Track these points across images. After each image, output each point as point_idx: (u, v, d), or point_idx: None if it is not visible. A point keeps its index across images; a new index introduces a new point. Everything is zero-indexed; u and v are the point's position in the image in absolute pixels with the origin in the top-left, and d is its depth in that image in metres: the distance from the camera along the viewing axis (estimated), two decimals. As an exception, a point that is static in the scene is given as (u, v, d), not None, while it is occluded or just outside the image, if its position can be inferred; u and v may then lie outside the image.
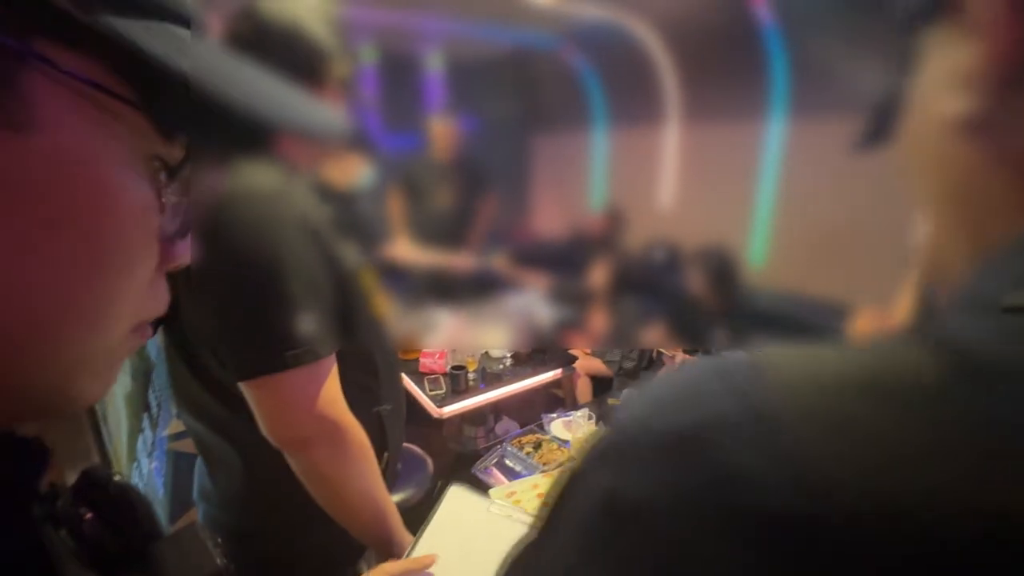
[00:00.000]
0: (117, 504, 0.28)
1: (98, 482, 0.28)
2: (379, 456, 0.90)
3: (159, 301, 0.25)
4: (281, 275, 0.60)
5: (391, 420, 0.90)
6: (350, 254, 0.64)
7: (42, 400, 0.22)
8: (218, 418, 0.77)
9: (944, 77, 0.26)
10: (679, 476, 0.19)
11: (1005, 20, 0.22)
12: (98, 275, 0.21)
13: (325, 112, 0.31)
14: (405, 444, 1.80)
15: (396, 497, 1.49)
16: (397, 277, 0.54)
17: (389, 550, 0.80)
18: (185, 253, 0.26)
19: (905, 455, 0.17)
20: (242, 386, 0.66)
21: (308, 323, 0.65)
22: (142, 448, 1.26)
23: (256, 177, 0.59)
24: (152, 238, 0.23)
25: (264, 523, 0.83)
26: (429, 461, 1.77)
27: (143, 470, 1.09)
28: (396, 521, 0.81)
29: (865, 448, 0.17)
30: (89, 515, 0.26)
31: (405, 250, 0.53)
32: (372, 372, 0.86)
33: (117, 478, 0.29)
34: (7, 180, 0.17)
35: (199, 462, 0.89)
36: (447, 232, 0.54)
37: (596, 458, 0.23)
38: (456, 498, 0.88)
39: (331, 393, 0.70)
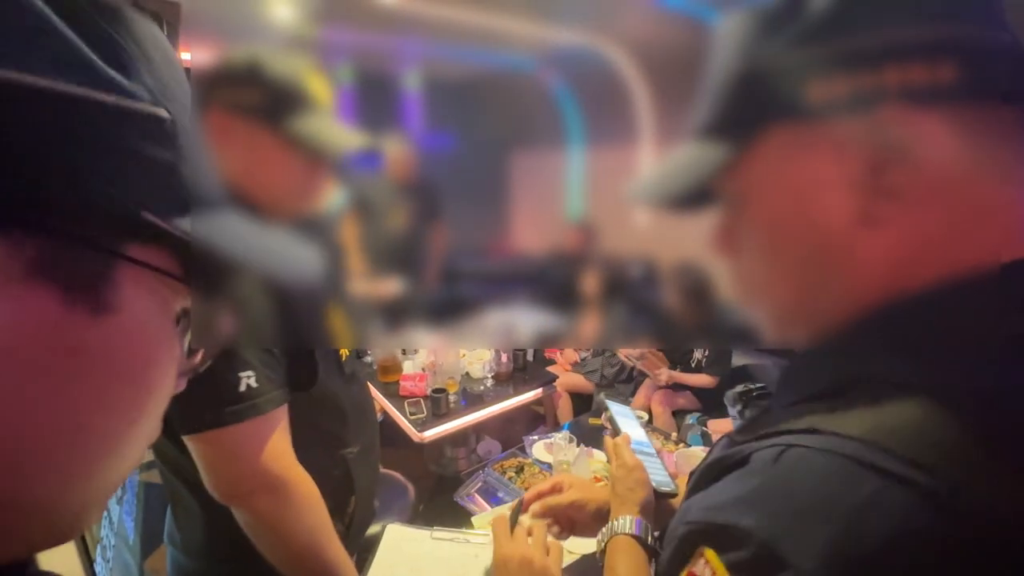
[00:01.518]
0: None
1: None
2: (346, 500, 0.87)
3: (158, 429, 0.29)
4: None
5: (358, 462, 0.88)
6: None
7: (64, 528, 0.24)
8: (179, 465, 0.75)
9: (839, 177, 0.32)
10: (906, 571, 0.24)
11: (912, 154, 0.30)
12: (138, 420, 0.25)
13: (307, 259, 0.38)
14: (387, 471, 1.76)
15: (376, 527, 1.45)
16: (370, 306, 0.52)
17: None
18: (182, 387, 0.30)
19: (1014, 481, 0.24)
20: (186, 440, 0.66)
21: (252, 378, 0.64)
22: (111, 493, 1.18)
23: None
24: (174, 381, 0.28)
25: (227, 570, 0.80)
26: (411, 488, 1.73)
27: (112, 517, 1.04)
28: (349, 574, 0.78)
29: (1005, 488, 0.24)
30: None
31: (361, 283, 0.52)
32: (338, 416, 0.85)
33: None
34: (87, 353, 0.22)
35: (169, 506, 0.87)
36: (400, 259, 0.53)
37: None
38: (396, 536, 0.86)
39: (277, 447, 0.68)
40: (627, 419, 0.85)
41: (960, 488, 0.23)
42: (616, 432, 0.81)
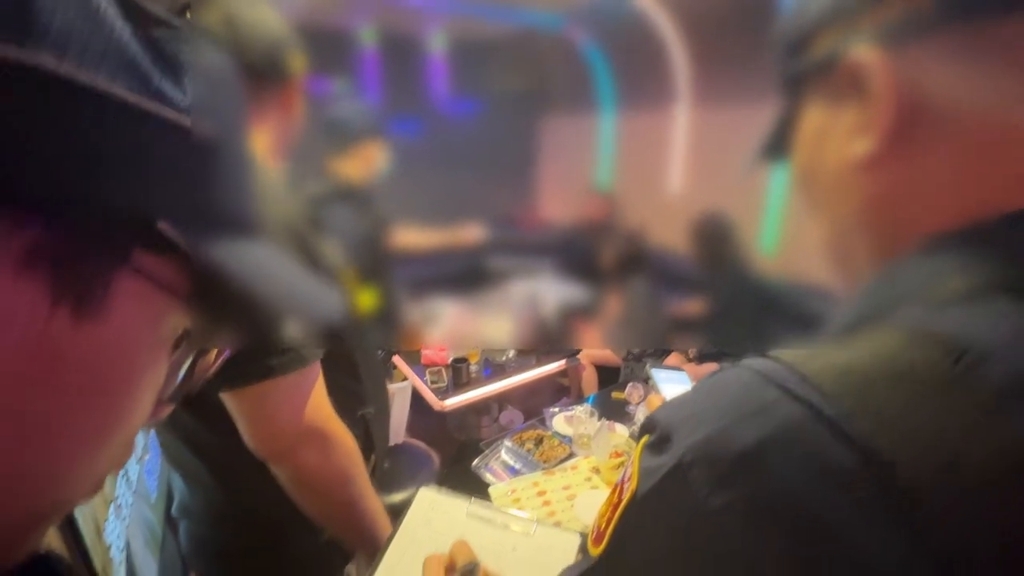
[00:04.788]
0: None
1: None
2: (366, 458, 0.89)
3: (125, 458, 0.27)
4: None
5: (376, 422, 0.90)
6: (333, 254, 0.63)
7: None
8: (191, 432, 0.75)
9: (842, 123, 0.31)
10: (771, 480, 0.23)
11: (887, 93, 0.28)
12: (100, 446, 0.23)
13: (334, 303, 0.35)
14: (410, 440, 1.80)
15: (399, 496, 1.49)
16: (402, 267, 0.52)
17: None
18: (164, 414, 0.28)
19: (925, 431, 0.23)
20: (225, 396, 0.64)
21: (293, 328, 0.63)
22: (128, 453, 1.21)
23: None
24: (149, 408, 0.26)
25: (246, 539, 0.82)
26: (435, 456, 1.77)
27: (131, 476, 1.07)
28: (385, 523, 0.80)
29: (904, 431, 0.23)
30: None
31: (410, 236, 0.51)
32: (355, 375, 0.85)
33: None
34: (64, 360, 0.20)
35: (176, 477, 0.87)
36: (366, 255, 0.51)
37: (677, 477, 0.26)
38: (427, 502, 0.85)
39: (317, 399, 0.68)
40: (673, 384, 0.82)
41: (853, 416, 0.23)
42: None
